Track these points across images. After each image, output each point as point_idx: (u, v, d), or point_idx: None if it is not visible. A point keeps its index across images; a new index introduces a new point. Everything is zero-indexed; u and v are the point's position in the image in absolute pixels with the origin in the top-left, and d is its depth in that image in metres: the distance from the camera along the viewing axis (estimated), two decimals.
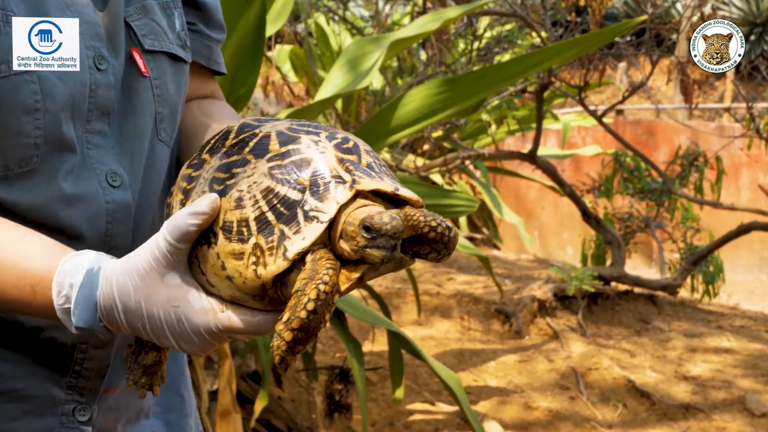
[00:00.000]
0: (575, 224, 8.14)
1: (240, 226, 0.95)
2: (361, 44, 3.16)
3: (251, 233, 0.95)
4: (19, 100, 1.05)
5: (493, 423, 3.95)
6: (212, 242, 0.97)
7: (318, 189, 0.95)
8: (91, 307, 1.00)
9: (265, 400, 3.03)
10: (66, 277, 1.01)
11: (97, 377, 1.19)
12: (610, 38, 3.02)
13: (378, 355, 4.53)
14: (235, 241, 0.95)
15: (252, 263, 0.94)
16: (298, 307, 0.92)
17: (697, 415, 4.23)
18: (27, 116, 1.05)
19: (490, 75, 3.09)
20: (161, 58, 1.23)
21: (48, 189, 1.08)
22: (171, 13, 1.27)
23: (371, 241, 0.93)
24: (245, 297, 0.98)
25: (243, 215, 0.95)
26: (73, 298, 1.01)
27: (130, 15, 1.20)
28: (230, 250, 0.95)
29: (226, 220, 0.96)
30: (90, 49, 1.12)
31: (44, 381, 1.15)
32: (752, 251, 9.04)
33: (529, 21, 4.67)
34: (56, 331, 1.13)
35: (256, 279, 0.94)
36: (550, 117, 6.97)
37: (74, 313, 1.01)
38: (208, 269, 0.98)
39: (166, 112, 1.23)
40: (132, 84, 1.19)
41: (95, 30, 1.14)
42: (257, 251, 0.94)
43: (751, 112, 5.24)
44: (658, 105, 10.06)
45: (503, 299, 5.36)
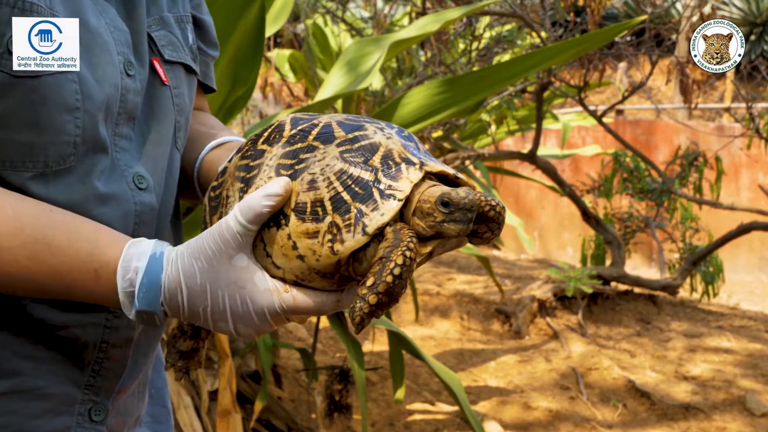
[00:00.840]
0: (575, 224, 8.15)
1: (314, 207, 1.00)
2: (361, 45, 3.16)
3: (326, 212, 0.99)
4: (62, 98, 1.07)
5: (493, 423, 3.95)
6: (282, 224, 1.01)
7: (390, 170, 1.01)
8: (155, 290, 1.03)
9: (265, 400, 3.03)
10: (131, 261, 1.04)
11: (114, 377, 1.21)
12: (610, 38, 3.02)
13: (378, 355, 4.53)
14: (309, 221, 1.00)
15: (328, 241, 0.99)
16: (384, 272, 0.96)
17: (697, 415, 4.23)
18: (69, 115, 1.08)
19: (490, 75, 3.09)
20: (178, 68, 1.27)
21: (83, 188, 1.10)
22: (184, 27, 1.31)
23: (449, 216, 0.99)
24: (312, 276, 1.02)
25: (317, 196, 1.00)
26: (138, 282, 1.03)
27: (150, 26, 1.24)
28: (303, 230, 1.00)
29: (298, 201, 1.01)
30: (120, 54, 1.16)
31: (64, 379, 1.16)
32: (752, 251, 9.05)
33: (529, 21, 4.67)
34: (80, 329, 1.15)
35: (331, 256, 0.99)
36: (550, 117, 6.97)
37: (138, 297, 1.03)
38: (276, 251, 1.02)
39: (183, 121, 1.27)
40: (154, 92, 1.22)
41: (125, 37, 1.17)
42: (333, 229, 0.99)
43: (750, 112, 5.24)
44: (658, 105, 10.06)
45: (503, 299, 5.36)
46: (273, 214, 1.02)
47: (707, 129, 8.88)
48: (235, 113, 3.15)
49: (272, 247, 1.02)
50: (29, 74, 1.04)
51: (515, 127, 6.38)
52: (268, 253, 1.02)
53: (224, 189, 1.10)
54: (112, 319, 1.17)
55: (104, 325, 1.17)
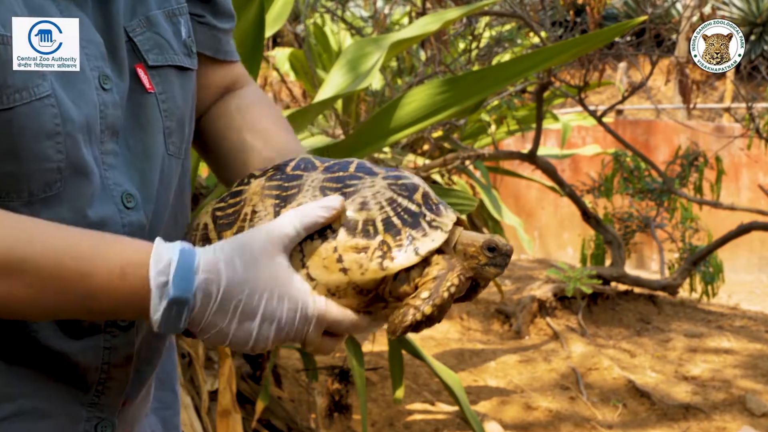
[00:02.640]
0: (575, 224, 8.14)
1: (365, 225, 1.06)
2: (361, 45, 3.16)
3: (378, 232, 1.06)
4: (41, 125, 1.04)
5: (493, 423, 3.95)
6: (329, 237, 1.06)
7: (431, 207, 1.09)
8: (189, 275, 1.02)
9: (266, 400, 3.03)
10: (163, 253, 1.03)
11: (117, 394, 1.19)
12: (610, 38, 3.02)
13: (378, 355, 4.53)
14: (360, 237, 1.06)
15: (377, 257, 1.05)
16: (442, 288, 1.05)
17: (697, 415, 4.23)
18: (49, 140, 1.05)
19: (490, 75, 3.08)
20: (167, 71, 1.22)
21: (73, 215, 1.08)
22: (177, 21, 1.25)
23: (491, 260, 1.08)
24: (348, 292, 1.06)
25: (369, 216, 1.07)
26: (172, 269, 1.02)
27: (134, 29, 1.19)
28: (353, 245, 1.06)
29: (349, 219, 1.07)
30: (94, 69, 1.12)
31: (68, 400, 1.15)
32: (752, 251, 9.05)
33: (529, 21, 4.67)
34: (80, 355, 1.13)
35: (379, 271, 1.04)
36: (550, 117, 6.96)
37: (174, 282, 1.01)
38: (316, 262, 1.06)
39: (174, 125, 1.22)
40: (138, 100, 1.18)
41: (98, 49, 1.13)
42: (384, 247, 1.05)
43: (750, 112, 5.24)
44: (658, 105, 10.06)
45: (503, 299, 5.36)
46: (320, 231, 1.06)
47: (707, 129, 8.88)
48: None
49: (312, 259, 1.06)
50: (2, 108, 1.02)
51: (515, 127, 6.37)
52: (305, 264, 1.06)
53: (246, 206, 1.12)
54: (110, 339, 1.16)
55: (103, 346, 1.15)
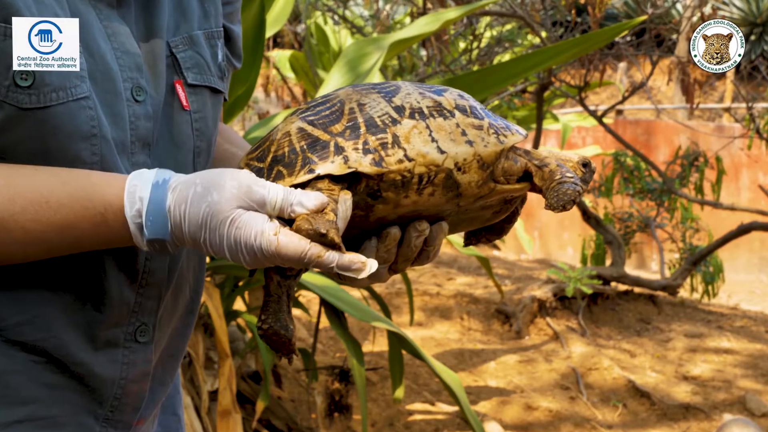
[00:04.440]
0: (575, 224, 8.14)
1: (473, 110, 1.14)
2: (362, 45, 3.16)
3: (483, 116, 1.13)
4: (76, 126, 1.05)
5: (494, 423, 3.95)
6: (448, 116, 1.11)
7: (497, 120, 1.18)
8: (162, 217, 1.02)
9: (266, 400, 3.03)
10: (135, 192, 1.03)
11: (132, 411, 1.19)
12: (610, 38, 3.02)
13: (378, 355, 4.53)
14: (472, 117, 1.12)
15: (492, 133, 1.12)
16: (569, 173, 1.14)
17: (697, 415, 4.23)
18: (84, 142, 1.06)
19: (490, 75, 3.09)
20: (203, 91, 1.22)
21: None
22: (215, 44, 1.25)
23: (585, 174, 1.19)
24: (472, 165, 1.09)
25: (471, 104, 1.15)
26: (144, 210, 1.02)
27: (177, 45, 1.19)
28: (470, 123, 1.11)
29: (457, 105, 1.14)
30: (128, 81, 1.12)
31: (82, 410, 1.15)
32: (752, 251, 9.04)
33: (529, 21, 4.67)
34: (98, 366, 1.14)
35: (498, 144, 1.11)
36: (550, 117, 6.96)
37: (146, 225, 1.02)
38: (443, 136, 1.09)
39: (204, 146, 1.23)
40: (173, 116, 1.18)
41: (134, 60, 1.13)
42: (492, 129, 1.12)
43: (751, 112, 5.24)
44: (658, 105, 10.06)
45: (503, 300, 5.36)
46: (438, 111, 1.09)
47: (707, 129, 8.88)
48: (236, 112, 3.15)
49: (439, 134, 1.08)
50: (38, 106, 1.03)
51: None
52: (434, 138, 1.07)
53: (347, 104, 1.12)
54: (129, 354, 1.16)
55: (121, 361, 1.16)
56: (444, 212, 1.12)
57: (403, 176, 1.05)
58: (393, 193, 1.06)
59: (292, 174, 1.05)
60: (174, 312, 1.25)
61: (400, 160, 1.05)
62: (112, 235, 1.05)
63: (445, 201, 1.09)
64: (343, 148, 1.05)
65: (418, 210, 1.09)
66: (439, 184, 1.07)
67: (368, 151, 1.05)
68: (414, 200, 1.07)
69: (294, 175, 1.05)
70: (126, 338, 1.16)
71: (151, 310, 1.18)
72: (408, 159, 1.05)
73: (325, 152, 1.05)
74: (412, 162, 1.05)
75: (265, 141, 1.12)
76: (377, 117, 1.08)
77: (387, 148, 1.05)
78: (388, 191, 1.06)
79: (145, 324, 1.17)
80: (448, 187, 1.08)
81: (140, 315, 1.17)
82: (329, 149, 1.06)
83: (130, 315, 1.16)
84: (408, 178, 1.05)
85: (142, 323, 1.17)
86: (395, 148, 1.06)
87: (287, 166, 1.06)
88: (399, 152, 1.05)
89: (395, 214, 1.08)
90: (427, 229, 1.10)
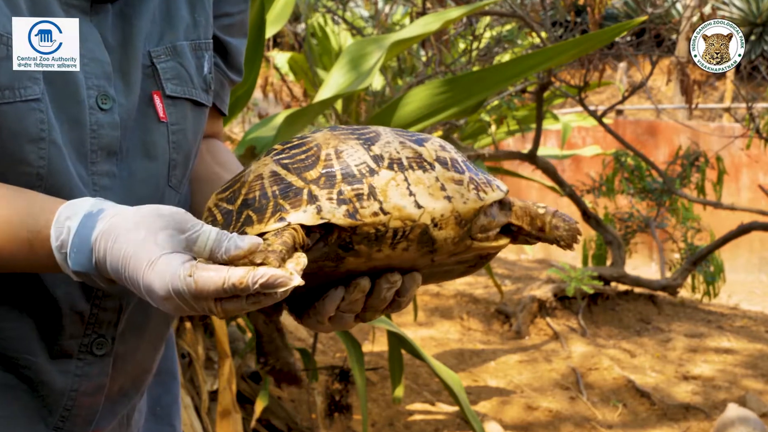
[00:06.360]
0: None
1: (454, 164, 1.08)
2: (362, 45, 3.16)
3: (464, 171, 1.08)
4: (24, 127, 1.03)
5: (494, 423, 3.95)
6: (428, 169, 1.04)
7: (481, 175, 1.15)
8: (86, 250, 0.95)
9: (266, 400, 3.03)
10: (64, 222, 0.97)
11: (84, 423, 1.16)
12: (610, 38, 3.02)
13: (378, 355, 4.53)
14: (453, 172, 1.07)
15: (472, 189, 1.07)
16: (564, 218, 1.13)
17: (697, 415, 4.23)
18: (31, 145, 1.03)
19: (490, 75, 3.09)
20: (183, 103, 1.19)
21: None
22: (201, 55, 1.22)
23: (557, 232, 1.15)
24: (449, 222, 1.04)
25: (454, 157, 1.11)
26: (69, 242, 0.96)
27: (158, 55, 1.16)
28: (450, 176, 1.05)
29: (438, 157, 1.08)
30: (93, 88, 1.10)
31: (33, 414, 1.13)
32: (752, 251, 9.04)
33: (529, 21, 4.67)
34: (47, 375, 1.11)
35: (477, 200, 1.06)
36: (550, 117, 6.96)
37: (70, 256, 0.96)
38: (421, 191, 1.03)
39: (180, 158, 1.19)
40: (148, 127, 1.15)
41: (102, 68, 1.11)
42: (473, 184, 1.07)
43: (751, 112, 5.24)
44: (658, 105, 10.06)
45: (503, 300, 5.36)
46: (418, 163, 1.03)
47: (707, 129, 8.88)
48: (236, 112, 3.16)
49: (418, 187, 1.03)
50: None
51: (515, 127, 6.37)
52: (412, 192, 1.01)
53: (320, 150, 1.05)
54: (82, 366, 1.13)
55: (74, 373, 1.13)
56: (417, 266, 1.07)
57: (377, 230, 1.00)
58: (366, 246, 1.00)
59: (261, 221, 0.99)
60: (144, 325, 1.20)
61: (375, 213, 0.99)
62: (41, 262, 1.00)
63: (420, 256, 1.04)
64: (316, 197, 0.99)
65: (391, 264, 1.04)
66: (414, 240, 1.02)
67: (343, 201, 0.99)
68: (387, 254, 1.02)
69: (264, 222, 0.99)
70: (80, 350, 1.13)
71: (109, 322, 1.14)
72: (383, 212, 0.99)
73: (297, 200, 0.99)
74: (387, 215, 1.00)
75: (236, 182, 1.06)
76: (354, 166, 1.02)
77: (362, 200, 0.99)
78: (361, 244, 1.00)
79: (102, 337, 1.14)
80: (423, 242, 1.02)
81: (96, 327, 1.13)
82: (302, 197, 1.00)
83: (86, 327, 1.12)
84: (382, 232, 1.00)
85: (99, 336, 1.14)
86: (371, 200, 1.00)
87: (257, 212, 1.00)
88: (374, 204, 1.00)
89: (366, 267, 1.03)
90: (399, 280, 1.04)
